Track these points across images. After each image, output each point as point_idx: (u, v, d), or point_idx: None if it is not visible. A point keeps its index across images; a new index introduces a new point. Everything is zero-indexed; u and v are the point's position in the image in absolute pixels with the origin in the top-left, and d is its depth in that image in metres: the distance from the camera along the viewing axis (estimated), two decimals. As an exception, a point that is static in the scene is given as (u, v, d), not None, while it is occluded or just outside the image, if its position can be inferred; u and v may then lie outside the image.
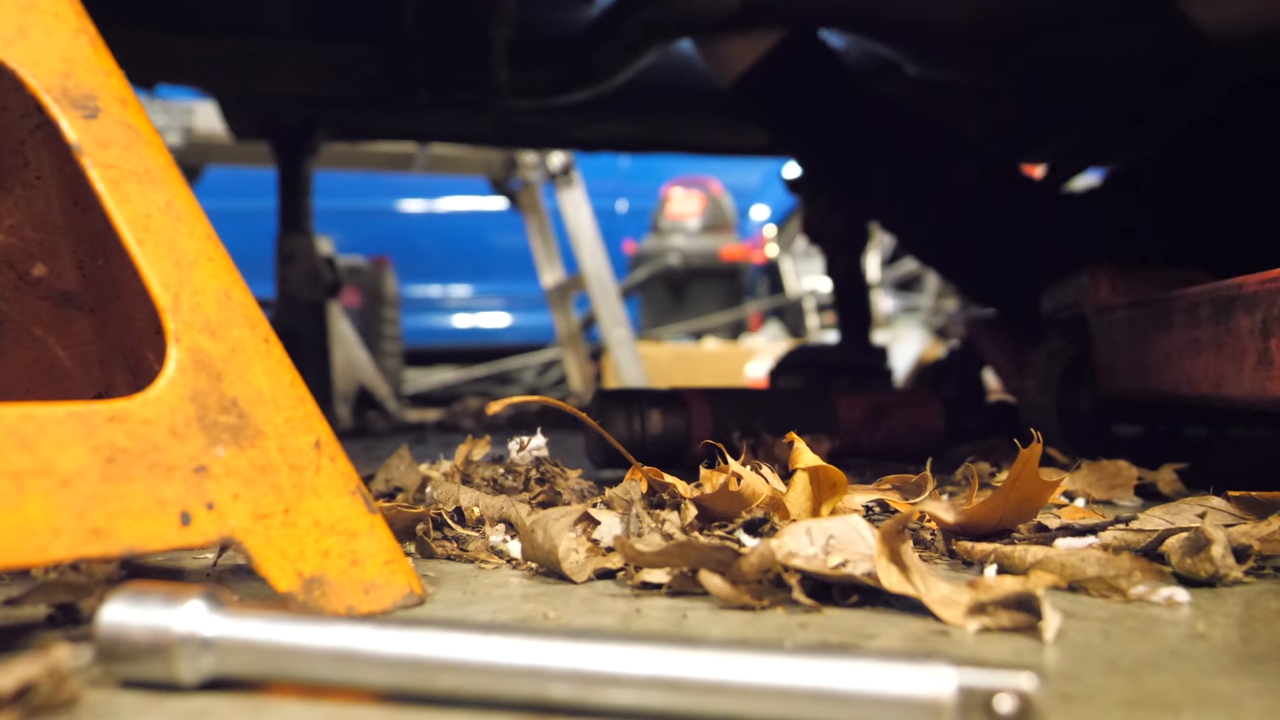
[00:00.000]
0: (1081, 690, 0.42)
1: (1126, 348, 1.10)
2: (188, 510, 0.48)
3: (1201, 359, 0.92)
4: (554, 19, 1.69)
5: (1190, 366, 0.94)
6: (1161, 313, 1.01)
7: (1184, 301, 0.96)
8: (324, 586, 0.52)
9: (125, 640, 0.41)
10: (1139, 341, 1.07)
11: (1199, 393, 0.92)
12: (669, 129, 2.17)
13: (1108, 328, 1.16)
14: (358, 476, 0.56)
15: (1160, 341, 1.01)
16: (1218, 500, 0.75)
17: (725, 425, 1.22)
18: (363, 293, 3.71)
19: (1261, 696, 0.42)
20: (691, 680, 0.38)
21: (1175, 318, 0.98)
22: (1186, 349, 0.95)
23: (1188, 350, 0.95)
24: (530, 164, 3.61)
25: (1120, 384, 1.13)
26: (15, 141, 0.64)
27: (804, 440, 0.73)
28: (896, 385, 2.19)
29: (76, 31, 0.55)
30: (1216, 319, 0.89)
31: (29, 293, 0.68)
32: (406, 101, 1.74)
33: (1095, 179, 2.06)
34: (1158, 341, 1.02)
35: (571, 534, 0.65)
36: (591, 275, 3.49)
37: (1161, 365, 1.00)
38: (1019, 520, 0.72)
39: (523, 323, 4.97)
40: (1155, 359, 1.02)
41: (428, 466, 0.95)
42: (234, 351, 0.53)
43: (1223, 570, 0.61)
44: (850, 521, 0.59)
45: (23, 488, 0.44)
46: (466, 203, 4.95)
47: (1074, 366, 1.25)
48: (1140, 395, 1.07)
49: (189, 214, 0.55)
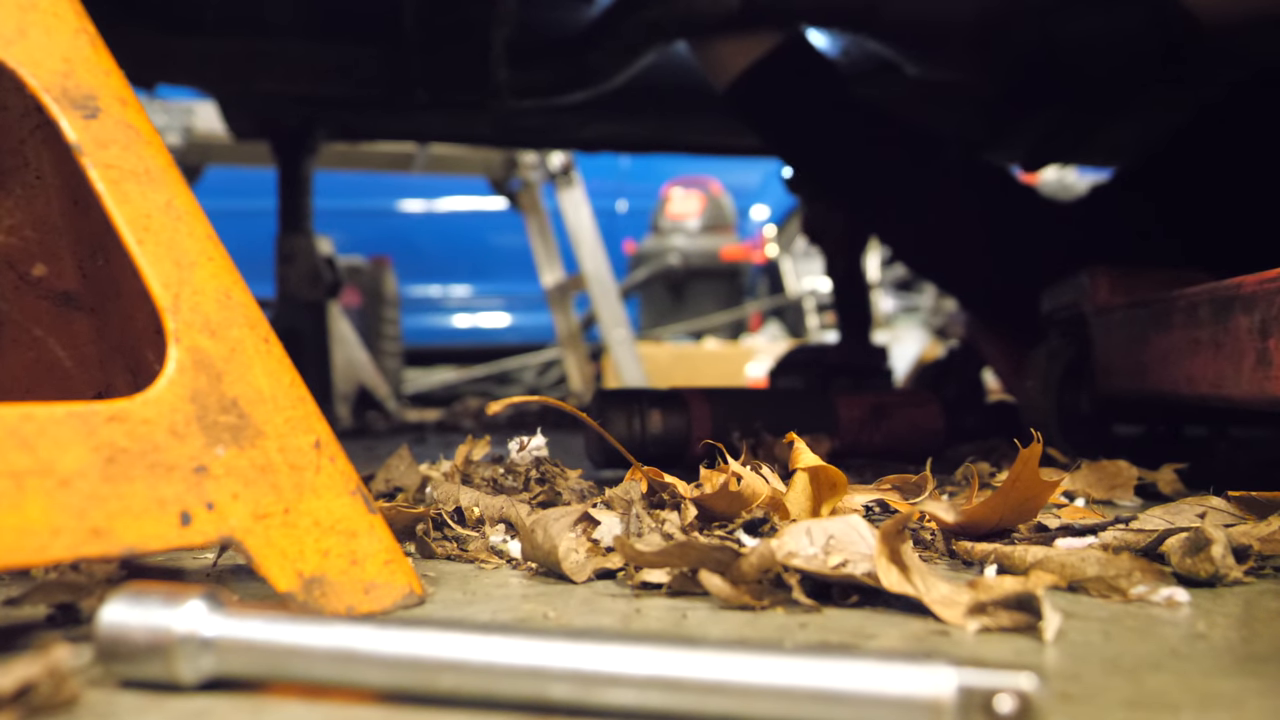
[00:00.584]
0: (1081, 690, 0.42)
1: (1126, 348, 1.10)
2: (188, 510, 0.48)
3: (1201, 359, 0.92)
4: (553, 19, 1.69)
5: (1190, 366, 0.94)
6: (1161, 313, 1.01)
7: (1183, 301, 0.96)
8: (324, 586, 0.52)
9: (125, 640, 0.41)
10: (1138, 342, 1.07)
11: (1198, 393, 0.92)
12: (669, 129, 2.16)
13: (1107, 328, 1.16)
14: (358, 476, 0.56)
15: (1159, 341, 1.01)
16: (1218, 500, 0.75)
17: (725, 425, 1.22)
18: (363, 293, 3.71)
19: (1262, 696, 0.42)
20: (692, 680, 0.38)
21: (1174, 318, 0.97)
22: (1186, 349, 0.95)
23: (1187, 350, 0.94)
24: (530, 164, 3.61)
25: (1120, 384, 1.13)
26: (15, 141, 0.64)
27: (804, 440, 0.73)
28: (896, 385, 2.19)
29: (76, 31, 0.55)
30: (1216, 319, 0.89)
31: (29, 293, 0.68)
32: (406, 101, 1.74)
33: (1101, 178, 2.06)
34: (1157, 342, 1.02)
35: (571, 534, 0.65)
36: (591, 275, 3.49)
37: (1161, 365, 1.00)
38: (1019, 520, 0.72)
39: (523, 323, 4.97)
40: (1154, 359, 1.02)
41: (428, 466, 0.95)
42: (234, 351, 0.53)
43: (1223, 570, 0.61)
44: (850, 521, 0.59)
45: (23, 488, 0.44)
46: (466, 203, 4.95)
47: (1073, 367, 1.25)
48: (1140, 395, 1.07)
49: (189, 214, 0.55)
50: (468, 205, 4.95)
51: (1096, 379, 1.19)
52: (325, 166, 2.91)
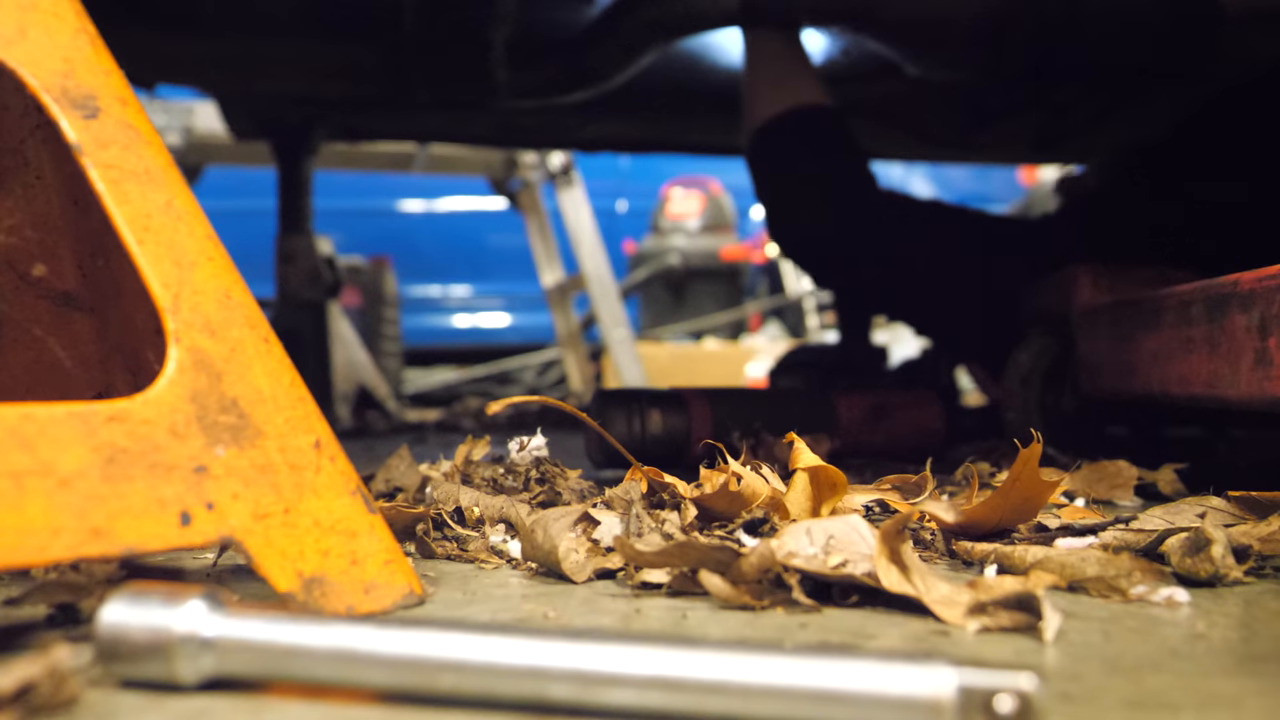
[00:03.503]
0: (1081, 690, 0.42)
1: (1113, 348, 1.09)
2: (188, 510, 0.48)
3: (1195, 359, 0.91)
4: (553, 19, 1.69)
5: (1182, 366, 0.93)
6: (1150, 311, 1.00)
7: (1174, 300, 0.95)
8: (324, 586, 0.52)
9: (125, 640, 0.41)
10: (1126, 341, 1.05)
11: (1191, 393, 0.92)
12: (669, 129, 2.16)
13: (1092, 327, 1.15)
14: (358, 476, 0.56)
15: (1149, 341, 1.00)
16: (1218, 500, 0.75)
17: (725, 425, 1.22)
18: (363, 293, 3.71)
19: (1262, 696, 0.42)
20: (691, 680, 0.38)
21: (1165, 316, 0.96)
22: (1178, 349, 0.94)
23: (1179, 350, 0.94)
24: (530, 164, 3.61)
25: (1107, 385, 1.11)
26: (15, 141, 0.64)
27: (804, 440, 0.73)
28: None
29: (76, 31, 0.55)
30: (1210, 317, 0.88)
31: (29, 293, 0.68)
32: (406, 101, 1.74)
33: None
34: (1146, 341, 1.01)
35: (571, 534, 0.65)
36: (591, 275, 3.49)
37: (1151, 366, 0.99)
38: (1019, 520, 0.72)
39: (523, 323, 4.97)
40: (1144, 359, 1.01)
41: (428, 466, 0.95)
42: (234, 351, 0.53)
43: (1223, 570, 0.61)
44: (850, 521, 0.59)
45: (23, 488, 0.44)
46: (466, 203, 4.95)
47: (1056, 367, 1.24)
48: (1129, 396, 1.06)
49: (189, 214, 0.55)
50: (468, 205, 4.95)
51: (1081, 380, 1.18)
52: (325, 166, 2.91)
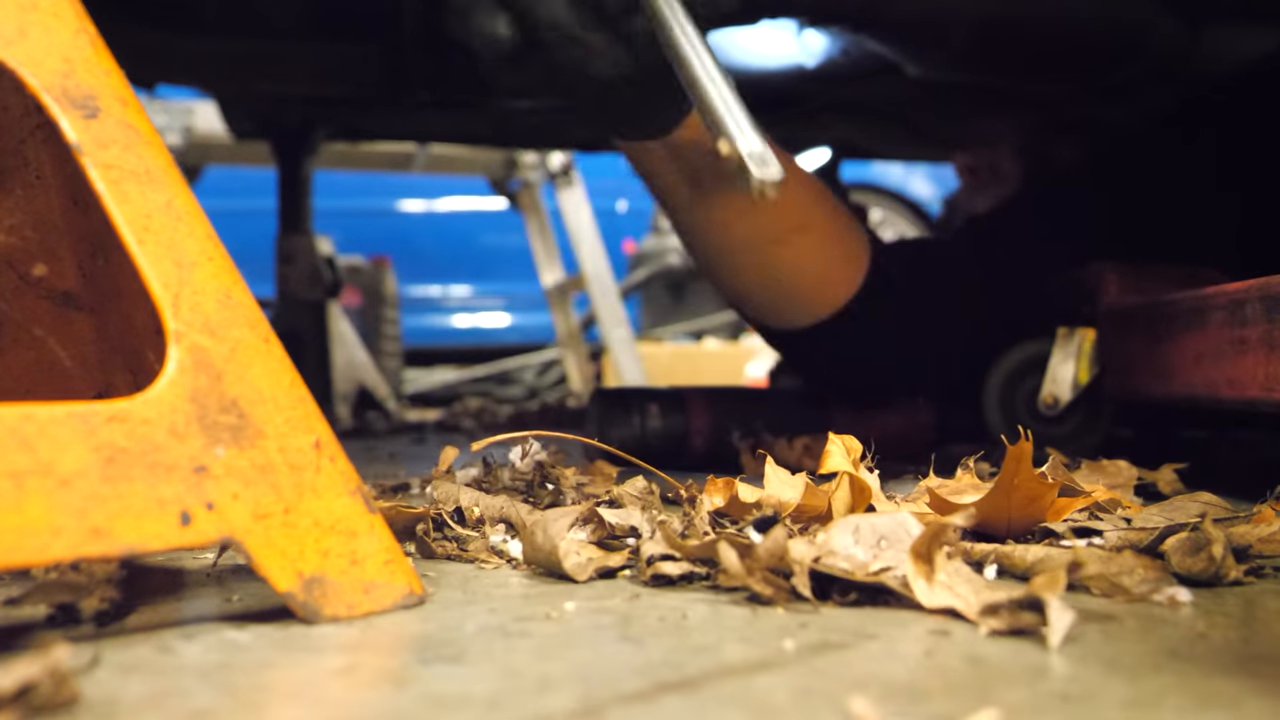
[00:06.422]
0: (1081, 690, 0.42)
1: (1146, 349, 1.05)
2: (188, 510, 0.48)
3: (1249, 360, 0.86)
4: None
5: (1232, 369, 0.89)
6: (1193, 311, 0.96)
7: (1223, 299, 0.90)
8: (324, 586, 0.52)
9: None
10: (1163, 342, 1.01)
11: (1245, 396, 0.87)
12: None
13: (1121, 328, 1.11)
14: (358, 476, 0.56)
15: (1191, 342, 0.96)
16: (1217, 499, 0.75)
17: (725, 425, 1.22)
18: (363, 293, 3.71)
19: (1262, 696, 0.42)
20: None
21: (1212, 316, 0.92)
22: (1228, 350, 0.89)
23: (1230, 351, 0.89)
24: (530, 164, 3.61)
25: (1138, 387, 1.07)
26: (15, 141, 0.64)
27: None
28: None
29: (76, 31, 0.55)
30: (1270, 318, 0.83)
31: (29, 293, 0.68)
32: (406, 101, 1.74)
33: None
34: (1188, 342, 0.96)
35: (571, 534, 0.65)
36: (591, 275, 3.49)
37: (1193, 368, 0.95)
38: (1030, 522, 0.72)
39: (523, 323, 4.97)
40: (1184, 361, 0.97)
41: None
42: (234, 351, 0.53)
43: (1223, 570, 0.61)
44: (899, 519, 0.58)
45: (23, 488, 0.44)
46: (466, 203, 4.95)
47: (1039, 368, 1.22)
48: (1164, 399, 1.02)
49: (189, 214, 0.55)
50: (468, 205, 4.95)
51: (1107, 382, 1.17)
52: (325, 166, 2.91)
